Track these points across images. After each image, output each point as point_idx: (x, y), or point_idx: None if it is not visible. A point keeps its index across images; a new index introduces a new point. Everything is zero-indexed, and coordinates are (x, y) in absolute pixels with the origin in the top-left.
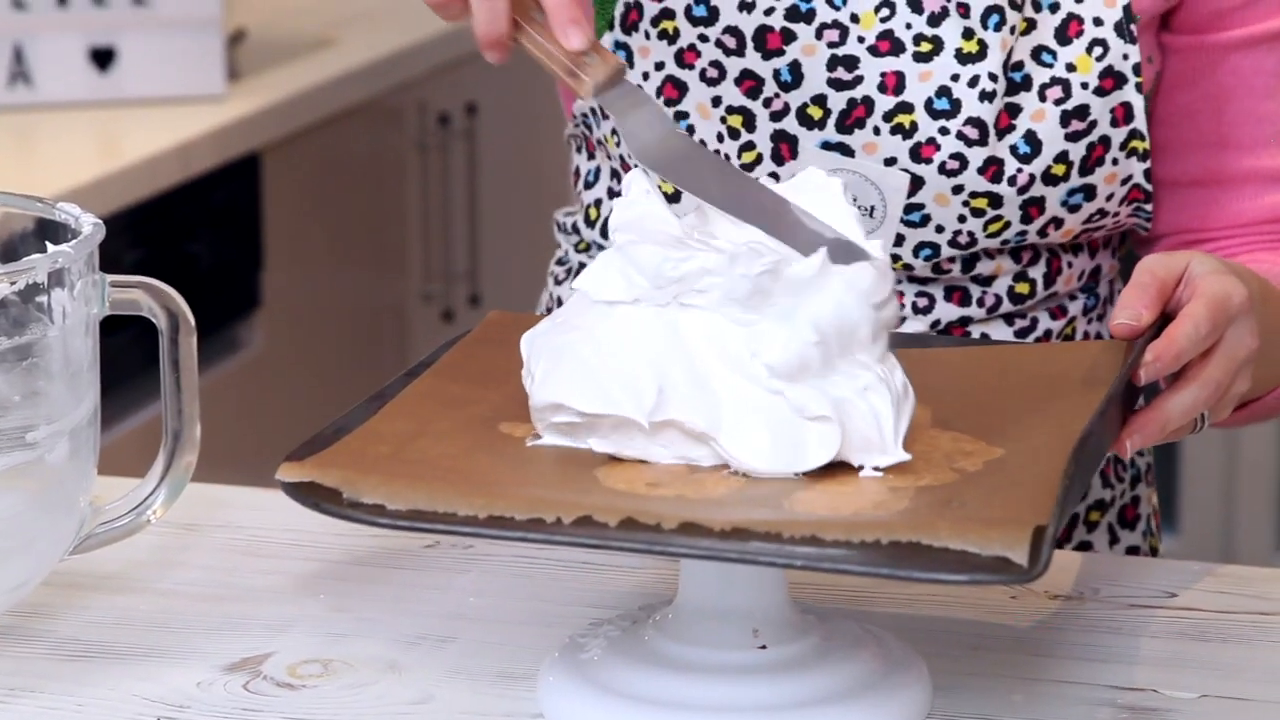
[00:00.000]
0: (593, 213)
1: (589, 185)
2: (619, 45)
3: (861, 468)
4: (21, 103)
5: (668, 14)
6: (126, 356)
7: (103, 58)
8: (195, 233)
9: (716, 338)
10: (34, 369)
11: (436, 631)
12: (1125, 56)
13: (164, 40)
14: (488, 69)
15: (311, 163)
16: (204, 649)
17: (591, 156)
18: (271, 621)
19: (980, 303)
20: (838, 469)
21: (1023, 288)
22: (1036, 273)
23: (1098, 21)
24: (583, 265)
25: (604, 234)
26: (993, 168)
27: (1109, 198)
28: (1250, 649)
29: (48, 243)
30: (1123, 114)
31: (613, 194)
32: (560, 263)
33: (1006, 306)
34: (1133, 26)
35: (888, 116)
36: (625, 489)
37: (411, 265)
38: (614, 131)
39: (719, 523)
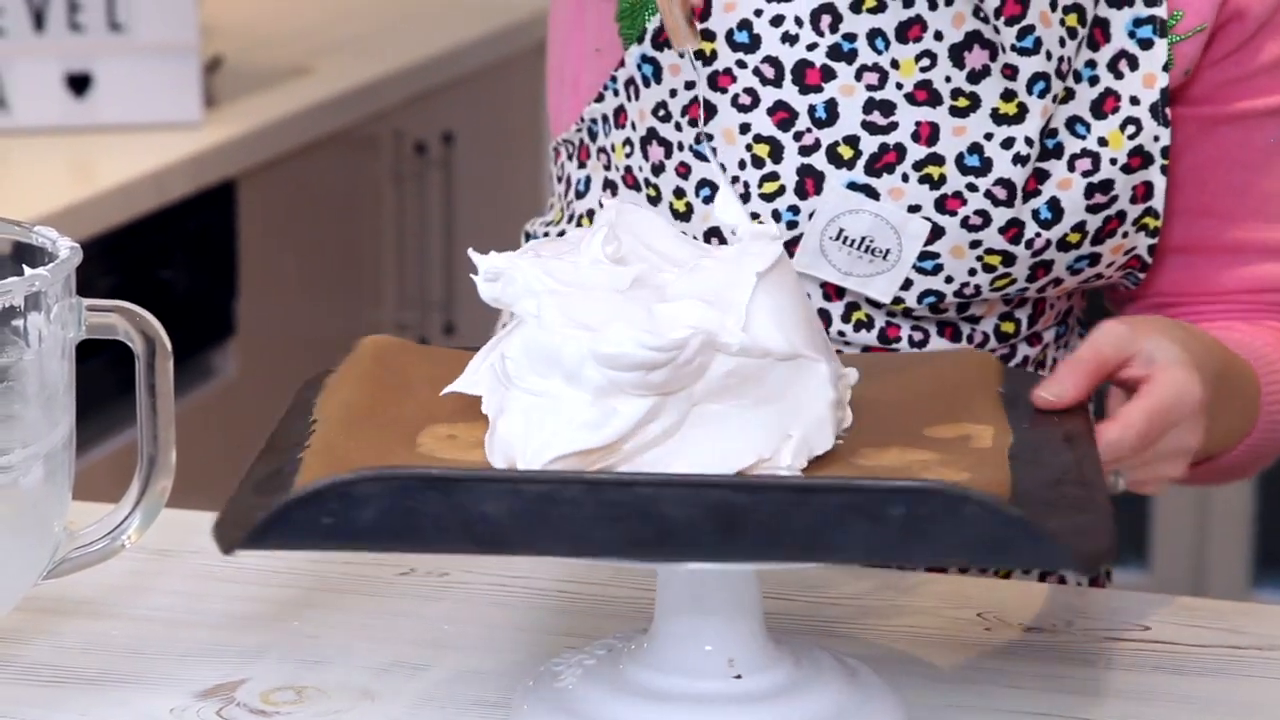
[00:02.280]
0: (585, 224)
1: (580, 195)
2: (647, 59)
3: None
4: None
5: (707, 35)
6: (101, 382)
7: (79, 83)
8: (170, 260)
9: None
10: (9, 392)
11: (410, 659)
12: (1156, 138)
13: (140, 66)
14: (464, 99)
15: (287, 191)
16: (177, 675)
17: (582, 165)
18: (245, 648)
19: (970, 339)
20: None
21: (1008, 327)
22: (1022, 314)
23: (1134, 101)
24: None
25: None
26: (1013, 229)
27: (1109, 265)
28: (1223, 682)
29: (24, 266)
30: (1143, 192)
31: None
32: None
33: (993, 343)
34: (1167, 110)
35: (918, 165)
36: (426, 439)
37: (386, 294)
38: (625, 142)
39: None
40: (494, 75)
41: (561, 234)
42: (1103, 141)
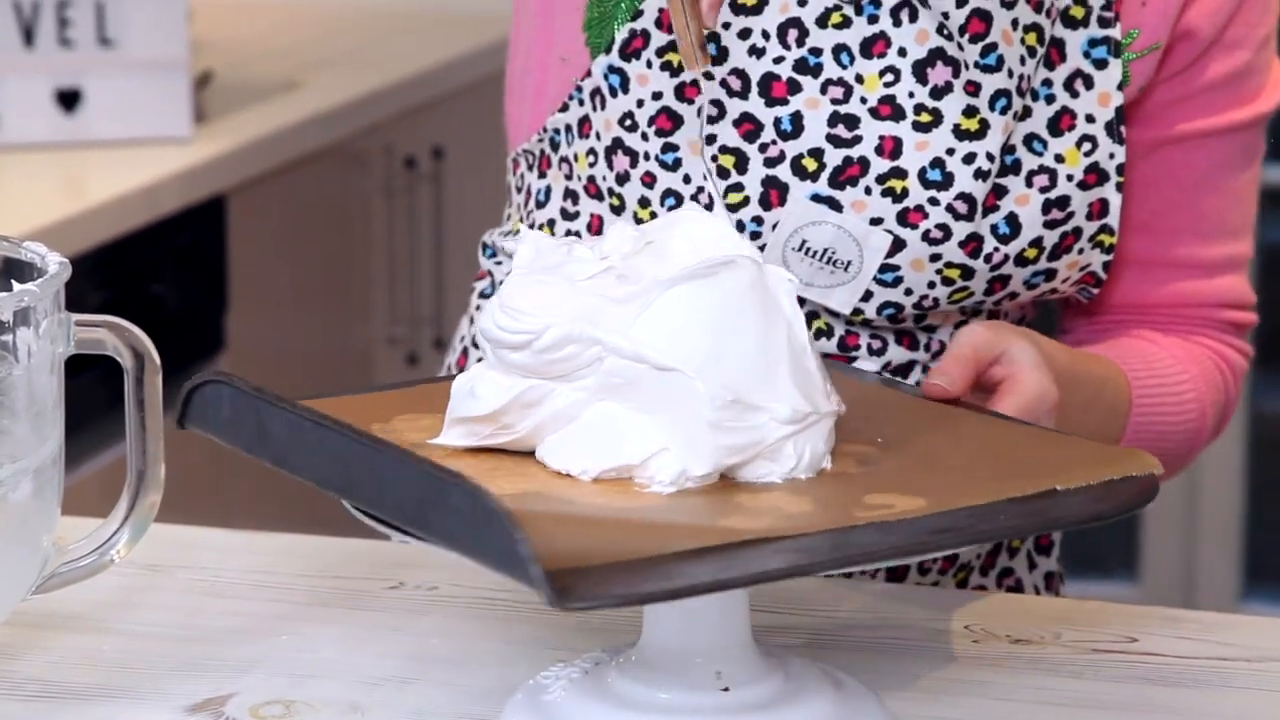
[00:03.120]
0: (545, 233)
1: (540, 205)
2: (614, 70)
3: None
4: None
5: (674, 46)
6: (91, 398)
7: (69, 99)
8: (160, 275)
9: None
10: None
11: (399, 672)
12: (1111, 156)
13: (130, 82)
14: (454, 114)
15: (277, 206)
16: (167, 689)
17: (542, 175)
18: (234, 662)
19: (927, 348)
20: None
21: None
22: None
23: (1089, 119)
24: None
25: None
26: (973, 244)
27: (1065, 280)
28: (1211, 694)
29: (13, 281)
30: (1099, 209)
31: (566, 214)
32: (484, 295)
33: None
34: (1122, 128)
35: (881, 179)
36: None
37: (376, 309)
38: (589, 151)
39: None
40: (484, 90)
41: None
42: (1059, 159)
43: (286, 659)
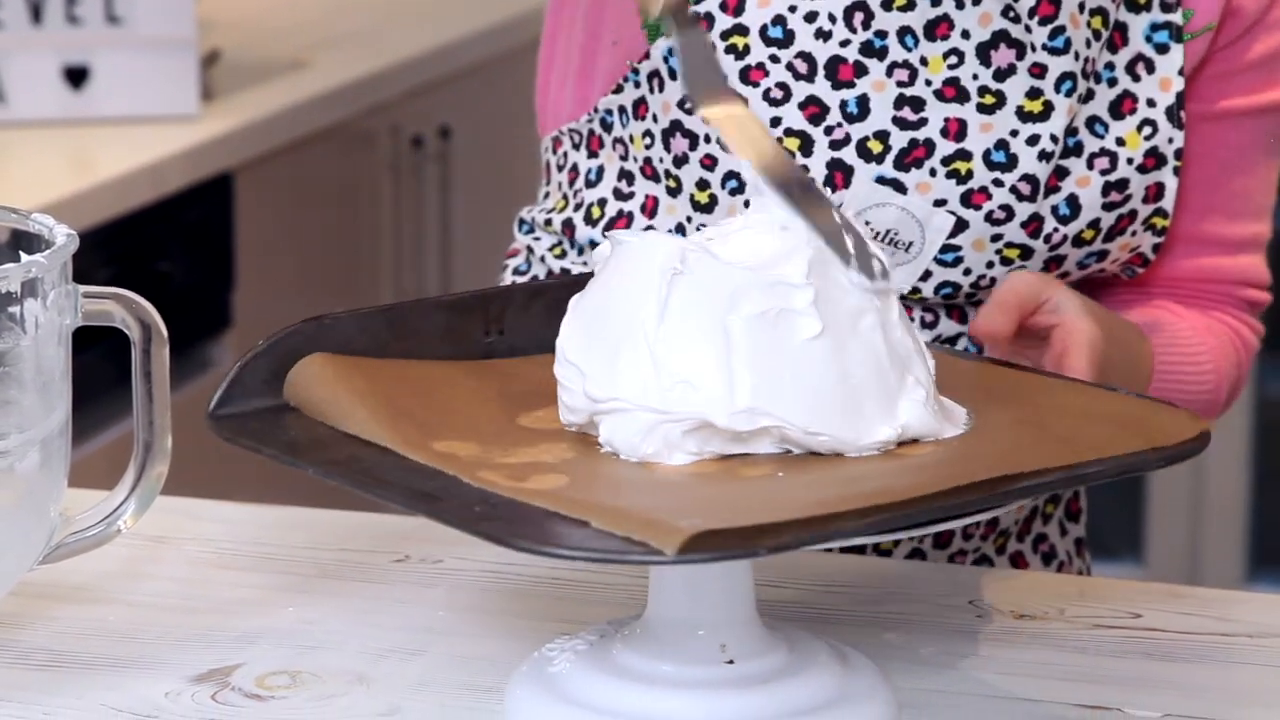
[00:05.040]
0: (595, 212)
1: (590, 184)
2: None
3: None
4: None
5: (740, 30)
6: (98, 373)
7: (76, 76)
8: (167, 252)
9: None
10: (5, 378)
11: (405, 644)
12: (1170, 140)
13: (138, 59)
14: (461, 93)
15: (284, 184)
16: (172, 659)
17: (593, 155)
18: (240, 633)
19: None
20: None
21: None
22: None
23: (1150, 103)
24: (553, 272)
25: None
26: (1034, 224)
27: (1114, 261)
28: (1213, 669)
29: (21, 253)
30: (1154, 192)
31: (620, 195)
32: (518, 272)
33: None
34: (1182, 113)
35: (946, 161)
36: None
37: (382, 287)
38: (645, 133)
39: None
40: (491, 70)
41: (566, 221)
42: (1120, 142)
43: (292, 630)
